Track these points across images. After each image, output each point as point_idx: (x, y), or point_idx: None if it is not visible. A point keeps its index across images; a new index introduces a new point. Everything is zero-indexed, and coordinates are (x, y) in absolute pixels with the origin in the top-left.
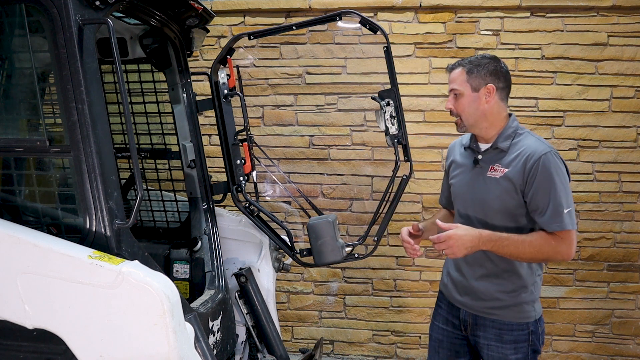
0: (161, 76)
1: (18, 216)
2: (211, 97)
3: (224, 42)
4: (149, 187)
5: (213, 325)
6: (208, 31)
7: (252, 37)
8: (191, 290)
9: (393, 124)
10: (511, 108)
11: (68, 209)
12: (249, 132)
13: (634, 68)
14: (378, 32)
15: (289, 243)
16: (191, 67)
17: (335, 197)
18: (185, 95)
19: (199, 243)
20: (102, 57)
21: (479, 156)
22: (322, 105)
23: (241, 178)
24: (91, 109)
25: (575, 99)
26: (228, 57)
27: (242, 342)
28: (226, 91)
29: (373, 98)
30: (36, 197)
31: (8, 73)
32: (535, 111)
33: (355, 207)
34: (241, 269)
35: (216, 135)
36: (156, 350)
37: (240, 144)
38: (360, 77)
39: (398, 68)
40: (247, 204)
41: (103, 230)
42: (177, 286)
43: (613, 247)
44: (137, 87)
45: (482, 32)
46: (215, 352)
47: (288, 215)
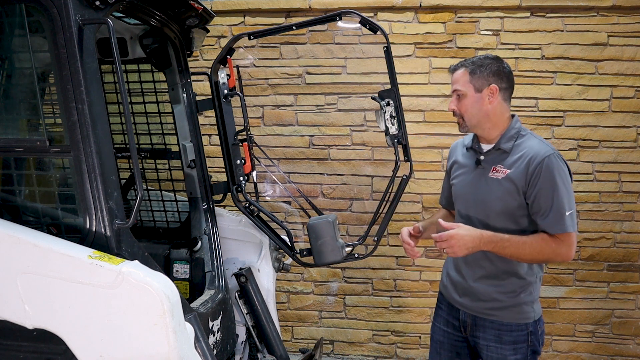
0: (161, 76)
1: (18, 216)
2: (211, 97)
3: (224, 42)
4: (149, 187)
5: (213, 325)
6: (208, 31)
7: (252, 37)
8: (191, 290)
9: (393, 124)
10: (511, 108)
11: (68, 209)
12: (249, 132)
13: (634, 68)
14: (378, 32)
15: (289, 243)
16: (191, 67)
17: (335, 197)
18: (185, 95)
19: (199, 243)
20: (102, 57)
21: (481, 157)
22: (322, 105)
23: (241, 178)
24: (91, 109)
25: (575, 99)
26: (228, 57)
27: (242, 342)
28: (226, 91)
29: (373, 98)
30: (36, 197)
31: (8, 73)
32: (535, 111)
33: (355, 207)
34: (241, 269)
35: (216, 135)
36: (156, 350)
37: (240, 144)
38: (360, 77)
39: (398, 68)
40: (247, 204)
41: (103, 230)
42: (177, 286)
43: (613, 247)
44: (137, 87)
45: (482, 32)
46: (215, 352)
47: (288, 215)
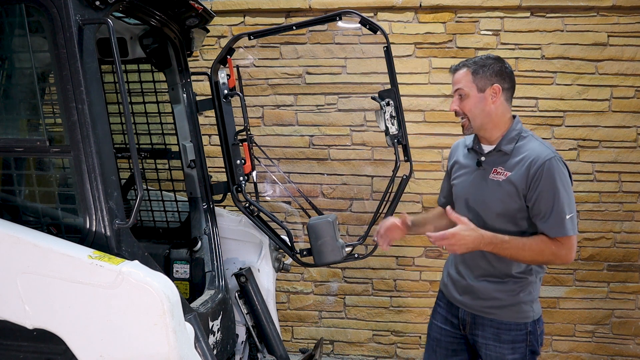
0: (161, 76)
1: (18, 216)
2: (211, 97)
3: (224, 42)
4: (149, 187)
5: (213, 325)
6: (208, 31)
7: (252, 37)
8: (191, 290)
9: (393, 124)
10: (511, 108)
11: (68, 209)
12: (249, 132)
13: (634, 68)
14: (378, 32)
15: (289, 243)
16: (191, 67)
17: (335, 197)
18: (185, 95)
19: (199, 243)
20: (102, 57)
21: (482, 158)
22: (322, 105)
23: (241, 178)
24: (91, 109)
25: (575, 99)
26: (228, 57)
27: (242, 342)
28: (226, 91)
29: (373, 98)
30: (36, 197)
31: (8, 73)
32: (535, 111)
33: (355, 207)
34: (241, 269)
35: (216, 135)
36: (156, 350)
37: (240, 144)
38: (360, 77)
39: (398, 68)
40: (247, 204)
41: (103, 230)
42: (177, 286)
43: (613, 247)
44: (137, 87)
45: (482, 32)
46: (215, 352)
47: (288, 215)
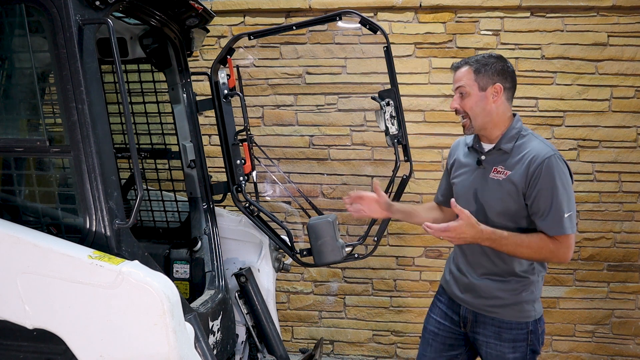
0: (161, 76)
1: (18, 216)
2: (211, 97)
3: (224, 42)
4: (149, 187)
5: (213, 325)
6: (208, 31)
7: (252, 37)
8: (191, 290)
9: (393, 124)
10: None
11: (68, 209)
12: (249, 132)
13: (634, 68)
14: (378, 32)
15: (289, 243)
16: (191, 67)
17: (335, 197)
18: (185, 95)
19: (199, 243)
20: (102, 57)
21: (482, 157)
22: (322, 105)
23: (241, 178)
24: (91, 109)
25: (575, 99)
26: (228, 57)
27: (242, 342)
28: (226, 91)
29: (373, 98)
30: (36, 197)
31: (8, 73)
32: (535, 111)
33: None
34: (241, 269)
35: (216, 135)
36: (156, 350)
37: (240, 144)
38: (360, 77)
39: (398, 68)
40: (247, 204)
41: (103, 230)
42: (177, 286)
43: (613, 247)
44: (137, 87)
45: (482, 32)
46: (215, 352)
47: (288, 215)
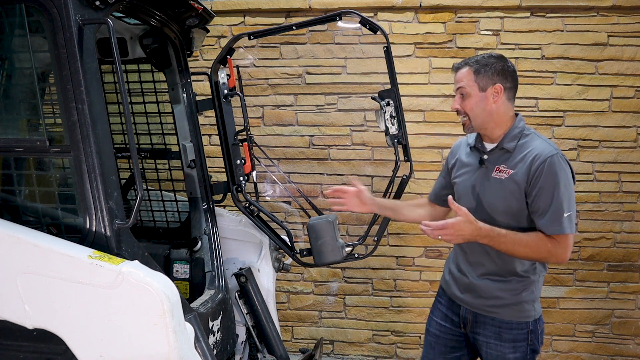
0: (161, 76)
1: (18, 216)
2: (211, 97)
3: (224, 42)
4: (149, 187)
5: (213, 325)
6: (208, 31)
7: (252, 37)
8: (191, 290)
9: (393, 124)
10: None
11: (68, 209)
12: (249, 132)
13: (634, 68)
14: (378, 32)
15: (289, 243)
16: (191, 67)
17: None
18: (185, 95)
19: (199, 243)
20: (102, 57)
21: (485, 156)
22: (322, 105)
23: (241, 178)
24: (91, 109)
25: (575, 99)
26: (228, 57)
27: (242, 342)
28: (226, 91)
29: (373, 98)
30: (36, 197)
31: (8, 73)
32: (535, 111)
33: None
34: (241, 269)
35: (216, 135)
36: (156, 350)
37: (240, 144)
38: (360, 77)
39: (398, 68)
40: (247, 204)
41: (103, 230)
42: (177, 286)
43: (613, 247)
44: (137, 87)
45: (482, 32)
46: (215, 352)
47: (288, 215)
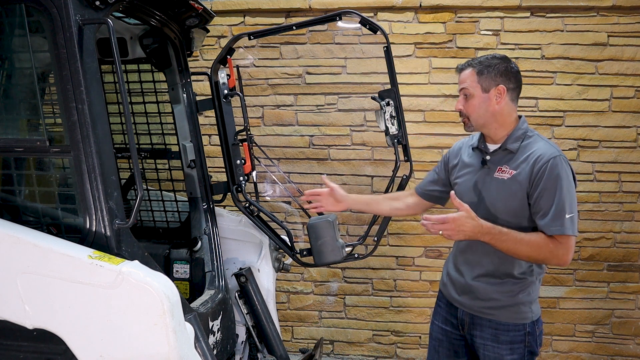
0: (161, 76)
1: (18, 216)
2: (211, 97)
3: (224, 42)
4: (149, 187)
5: (213, 325)
6: (208, 31)
7: (252, 37)
8: (191, 290)
9: (393, 124)
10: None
11: (68, 209)
12: (249, 132)
13: (634, 68)
14: (378, 32)
15: (289, 243)
16: (191, 67)
17: None
18: (185, 95)
19: (199, 243)
20: (102, 57)
21: (487, 157)
22: (322, 105)
23: (241, 178)
24: (91, 109)
25: (575, 99)
26: (228, 57)
27: (242, 342)
28: (226, 91)
29: (373, 98)
30: (36, 197)
31: (8, 73)
32: (535, 111)
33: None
34: (241, 269)
35: (216, 135)
36: (156, 350)
37: (240, 144)
38: (360, 77)
39: (398, 68)
40: (247, 204)
41: (103, 230)
42: (177, 286)
43: (613, 247)
44: (137, 87)
45: (482, 32)
46: (215, 352)
47: (288, 215)
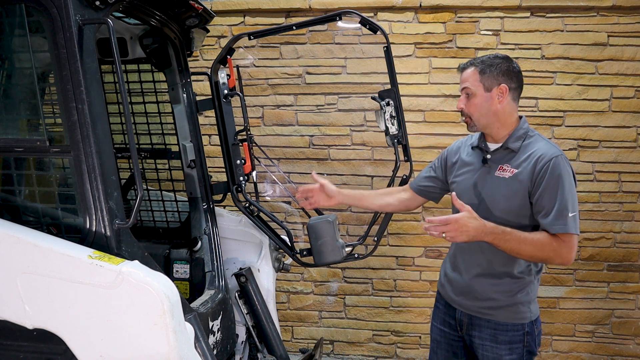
0: (161, 76)
1: (18, 216)
2: (211, 97)
3: (224, 42)
4: (149, 187)
5: (213, 325)
6: (208, 31)
7: (252, 37)
8: (191, 290)
9: (393, 124)
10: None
11: (68, 209)
12: (249, 132)
13: (634, 68)
14: (378, 32)
15: (289, 243)
16: (191, 67)
17: None
18: (185, 95)
19: (199, 243)
20: (102, 57)
21: (488, 156)
22: (322, 105)
23: (241, 178)
24: (91, 109)
25: (575, 99)
26: (228, 57)
27: (242, 342)
28: (226, 91)
29: (373, 98)
30: (36, 197)
31: (8, 73)
32: (535, 111)
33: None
34: (241, 269)
35: (216, 135)
36: (156, 350)
37: (240, 144)
38: (360, 77)
39: (398, 68)
40: (247, 204)
41: (103, 230)
42: (177, 286)
43: (613, 247)
44: (137, 87)
45: (482, 32)
46: (215, 352)
47: (288, 215)
